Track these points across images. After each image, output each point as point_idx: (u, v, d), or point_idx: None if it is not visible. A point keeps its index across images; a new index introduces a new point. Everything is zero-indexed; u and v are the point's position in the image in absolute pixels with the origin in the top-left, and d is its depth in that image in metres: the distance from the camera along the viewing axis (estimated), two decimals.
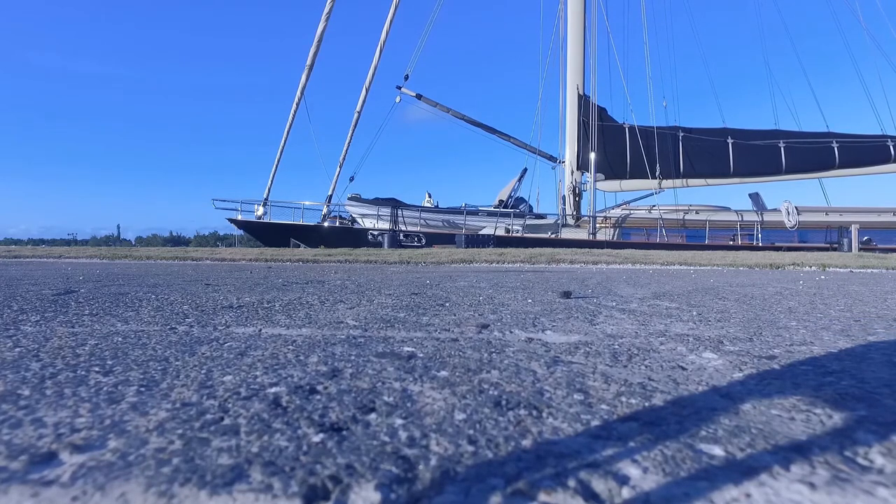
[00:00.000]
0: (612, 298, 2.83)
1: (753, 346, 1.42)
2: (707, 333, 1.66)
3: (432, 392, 0.92)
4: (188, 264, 9.62)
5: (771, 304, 2.64)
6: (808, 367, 1.17)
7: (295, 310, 2.22)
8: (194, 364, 1.15)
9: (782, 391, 0.95)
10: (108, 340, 1.45)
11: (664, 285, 3.85)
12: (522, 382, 1.00)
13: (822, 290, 3.60)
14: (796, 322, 1.90)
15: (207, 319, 1.92)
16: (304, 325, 1.78)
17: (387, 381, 0.99)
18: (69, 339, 1.48)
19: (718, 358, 1.25)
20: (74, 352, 1.29)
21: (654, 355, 1.30)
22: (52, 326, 1.71)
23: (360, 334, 1.59)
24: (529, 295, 2.95)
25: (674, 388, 0.97)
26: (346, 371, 1.08)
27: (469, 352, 1.30)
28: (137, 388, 0.95)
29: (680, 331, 1.71)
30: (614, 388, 0.97)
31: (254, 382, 0.99)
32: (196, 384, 0.98)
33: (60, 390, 0.93)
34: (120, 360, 1.20)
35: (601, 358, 1.25)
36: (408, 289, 3.33)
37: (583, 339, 1.52)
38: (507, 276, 4.77)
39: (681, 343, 1.47)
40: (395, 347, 1.35)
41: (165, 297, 2.77)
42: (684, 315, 2.13)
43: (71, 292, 2.98)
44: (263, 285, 3.58)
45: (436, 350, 1.32)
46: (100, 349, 1.32)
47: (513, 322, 1.88)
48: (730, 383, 1.01)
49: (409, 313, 2.11)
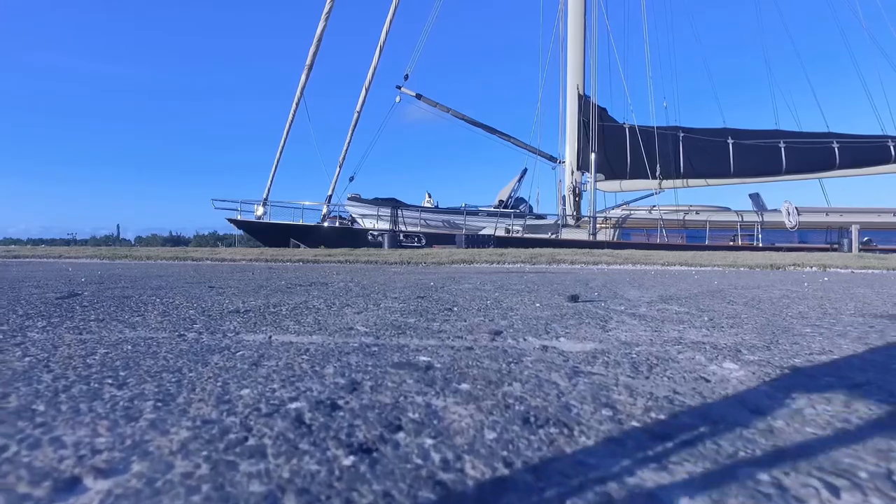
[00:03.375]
0: (619, 302, 2.82)
1: (772, 355, 1.40)
2: (723, 341, 1.64)
3: (457, 408, 0.90)
4: (188, 264, 9.61)
5: (780, 308, 2.63)
6: (833, 378, 1.15)
7: (303, 315, 2.20)
8: (209, 376, 1.13)
9: (812, 406, 0.93)
10: (117, 349, 1.43)
11: (669, 287, 3.84)
12: (547, 396, 0.98)
13: (828, 293, 3.59)
14: (811, 329, 1.89)
15: (216, 325, 1.90)
16: (314, 332, 1.76)
17: (409, 396, 0.97)
18: (78, 347, 1.46)
19: (740, 368, 1.23)
20: (85, 361, 1.27)
21: (673, 365, 1.28)
22: (60, 333, 1.69)
23: (373, 342, 1.57)
24: (536, 298, 2.93)
25: (701, 403, 0.96)
26: (365, 384, 1.06)
27: (487, 362, 1.28)
28: (154, 403, 0.93)
29: (695, 338, 1.69)
30: (641, 403, 0.95)
31: (273, 397, 0.97)
32: (214, 398, 0.96)
33: (76, 405, 0.91)
34: (132, 370, 1.18)
35: (621, 368, 1.23)
36: (413, 291, 3.31)
37: (599, 348, 1.50)
38: (510, 278, 4.75)
39: (698, 352, 1.45)
40: (410, 357, 1.33)
41: (170, 300, 2.74)
42: (696, 321, 2.11)
43: (75, 295, 2.96)
44: (267, 288, 3.56)
45: (452, 360, 1.30)
46: (110, 359, 1.30)
47: (525, 328, 1.86)
48: (757, 397, 0.99)
49: (418, 319, 2.09)
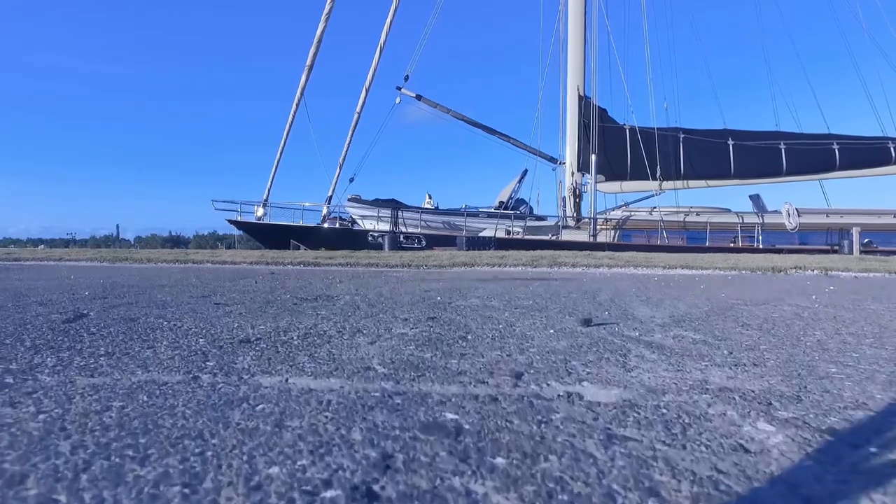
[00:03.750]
0: (632, 325, 2.78)
1: (806, 410, 1.37)
2: (749, 386, 1.61)
3: (498, 496, 0.87)
4: (190, 268, 9.59)
5: (796, 333, 2.59)
6: (876, 447, 1.11)
7: (315, 346, 2.16)
8: (232, 443, 1.10)
9: (866, 490, 0.90)
10: (133, 400, 1.39)
11: (678, 303, 3.79)
12: (587, 478, 0.95)
13: (839, 309, 3.55)
14: (835, 367, 1.86)
15: (229, 362, 1.86)
16: (331, 373, 1.73)
17: (445, 477, 0.94)
18: (92, 396, 1.42)
19: (777, 432, 1.20)
20: (101, 420, 1.23)
21: (706, 425, 1.24)
22: (71, 376, 1.65)
23: (394, 388, 1.53)
24: (547, 321, 2.89)
25: (748, 486, 0.92)
26: (397, 457, 1.03)
27: (516, 421, 1.25)
28: (181, 489, 0.89)
29: (720, 381, 1.66)
30: (686, 489, 0.91)
31: (304, 478, 0.93)
32: (242, 481, 0.92)
33: (99, 494, 0.87)
34: (152, 435, 1.14)
35: (655, 430, 1.20)
36: (422, 310, 3.26)
37: (625, 397, 1.46)
38: (515, 289, 4.70)
39: (728, 404, 1.42)
40: (437, 415, 1.29)
41: (178, 323, 2.70)
42: (716, 354, 2.08)
43: (81, 317, 2.92)
44: (274, 304, 3.51)
45: (480, 418, 1.27)
46: (128, 416, 1.26)
47: (545, 367, 1.82)
48: (805, 477, 0.96)
49: (434, 353, 2.05)
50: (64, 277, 6.97)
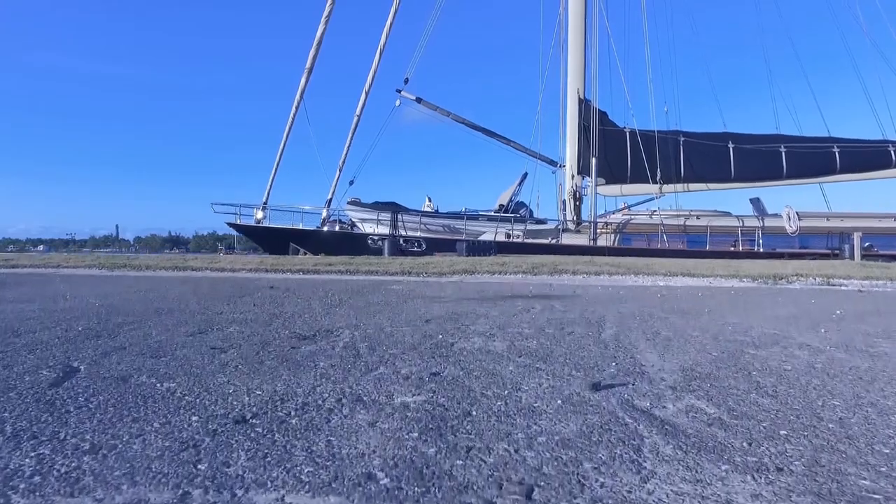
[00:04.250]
0: (641, 387, 2.67)
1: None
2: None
3: None
4: (189, 278, 9.48)
5: (814, 403, 2.47)
6: None
7: (314, 428, 2.04)
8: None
9: None
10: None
11: (685, 343, 3.66)
12: None
13: (851, 353, 3.36)
14: (867, 475, 1.75)
15: (221, 465, 1.76)
16: (329, 483, 1.62)
17: None
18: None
19: None
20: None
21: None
22: (48, 495, 1.54)
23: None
24: (554, 380, 2.77)
25: None
26: None
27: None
28: None
29: (743, 500, 1.56)
30: None
31: None
32: None
33: None
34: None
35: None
36: (423, 359, 3.13)
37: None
38: (517, 315, 4.52)
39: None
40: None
41: (171, 385, 2.57)
42: (735, 447, 1.97)
43: (70, 374, 2.81)
44: (270, 346, 3.35)
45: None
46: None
47: (556, 476, 1.72)
48: None
49: (438, 445, 1.94)
50: (60, 296, 6.87)
